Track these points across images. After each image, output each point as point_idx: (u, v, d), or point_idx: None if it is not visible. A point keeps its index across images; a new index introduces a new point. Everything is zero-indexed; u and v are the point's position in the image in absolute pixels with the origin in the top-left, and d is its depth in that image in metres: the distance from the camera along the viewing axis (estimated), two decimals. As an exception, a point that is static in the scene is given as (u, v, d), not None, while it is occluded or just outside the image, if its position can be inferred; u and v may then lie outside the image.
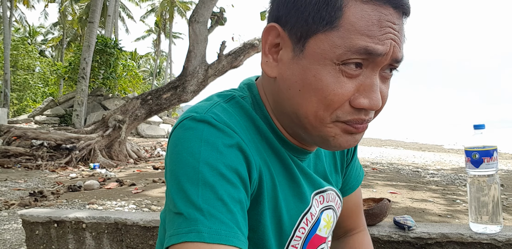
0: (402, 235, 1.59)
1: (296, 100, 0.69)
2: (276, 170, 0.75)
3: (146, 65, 59.08)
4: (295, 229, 0.78)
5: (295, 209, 0.78)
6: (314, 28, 0.65)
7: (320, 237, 0.85)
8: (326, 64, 0.65)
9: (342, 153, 0.96)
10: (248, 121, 0.74)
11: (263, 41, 0.72)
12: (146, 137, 18.16)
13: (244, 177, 0.66)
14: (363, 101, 0.65)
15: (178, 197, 0.61)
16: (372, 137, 32.87)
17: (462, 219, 3.65)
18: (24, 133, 8.88)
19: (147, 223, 1.95)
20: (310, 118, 0.68)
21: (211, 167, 0.62)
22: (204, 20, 8.95)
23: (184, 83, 9.08)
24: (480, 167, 1.41)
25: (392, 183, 5.88)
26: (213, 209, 0.59)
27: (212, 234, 0.57)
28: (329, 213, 0.88)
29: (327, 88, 0.65)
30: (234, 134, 0.67)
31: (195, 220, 0.58)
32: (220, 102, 0.74)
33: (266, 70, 0.72)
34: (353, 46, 0.62)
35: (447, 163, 10.56)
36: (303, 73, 0.67)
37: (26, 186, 6.15)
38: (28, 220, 2.18)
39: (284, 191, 0.76)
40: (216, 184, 0.61)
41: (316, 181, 0.84)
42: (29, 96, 32.21)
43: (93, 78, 18.36)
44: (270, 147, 0.76)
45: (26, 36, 41.40)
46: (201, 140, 0.64)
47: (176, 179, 0.62)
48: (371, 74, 0.66)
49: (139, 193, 5.09)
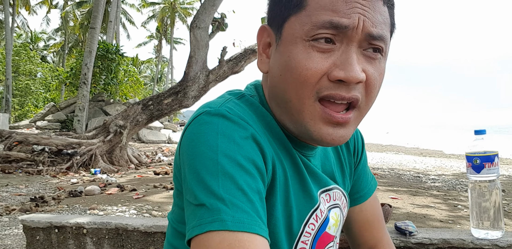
0: (403, 241, 1.59)
1: (281, 86, 0.72)
2: (287, 165, 0.77)
3: (147, 71, 59.26)
4: (305, 225, 0.79)
5: (305, 204, 0.79)
6: (286, 13, 0.70)
7: (329, 235, 0.85)
8: (297, 43, 0.68)
9: (349, 153, 0.97)
10: (259, 117, 0.76)
11: (258, 42, 0.77)
12: (147, 142, 18.16)
13: (261, 167, 0.67)
14: (339, 73, 0.67)
15: (198, 189, 0.61)
16: (373, 142, 32.81)
17: (463, 224, 3.64)
18: (26, 138, 8.89)
19: (148, 229, 1.95)
20: (294, 101, 0.70)
21: (230, 158, 0.63)
22: (205, 26, 8.97)
23: (185, 89, 9.09)
24: (481, 172, 1.41)
25: (393, 189, 5.86)
26: (234, 198, 0.60)
27: (235, 222, 0.58)
28: (337, 212, 0.88)
29: (299, 65, 0.67)
30: (249, 126, 0.69)
31: (217, 210, 0.59)
32: (232, 99, 0.76)
33: (261, 67, 0.76)
34: (318, 21, 0.66)
35: (448, 168, 10.54)
36: (281, 57, 0.70)
37: (27, 191, 6.14)
38: (29, 225, 2.18)
39: (295, 186, 0.78)
40: (235, 174, 0.62)
41: (322, 179, 0.85)
42: (30, 102, 32.28)
43: (95, 83, 18.39)
44: (281, 142, 0.77)
45: (28, 42, 41.61)
46: (218, 133, 0.65)
47: (195, 172, 0.63)
48: (346, 49, 0.68)
49: (140, 198, 5.09)
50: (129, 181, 7.15)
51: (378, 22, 0.69)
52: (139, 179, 7.43)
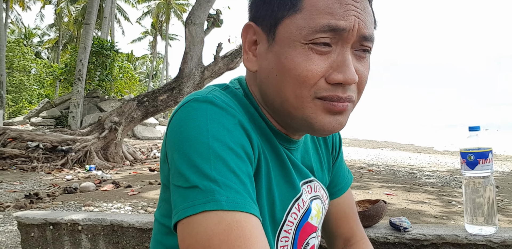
0: (398, 237, 1.59)
1: (276, 86, 0.73)
2: (269, 154, 0.78)
3: (142, 67, 59.00)
4: (287, 214, 0.80)
5: (287, 194, 0.80)
6: (280, 15, 0.70)
7: (311, 226, 0.87)
8: (296, 46, 0.69)
9: (327, 150, 1.00)
10: (242, 108, 0.77)
11: (243, 40, 0.76)
12: (142, 139, 18.13)
13: (249, 152, 0.69)
14: (337, 76, 0.69)
15: (190, 172, 0.62)
16: (368, 139, 32.88)
17: (457, 220, 3.67)
18: (20, 135, 8.85)
19: (143, 225, 1.95)
20: (291, 100, 0.72)
21: (220, 142, 0.64)
22: (200, 22, 8.95)
23: (181, 85, 9.07)
24: (475, 168, 1.42)
25: (388, 185, 5.89)
26: (227, 180, 0.61)
27: (229, 202, 0.59)
28: (318, 203, 0.90)
29: (299, 66, 0.69)
30: (236, 113, 0.70)
31: (211, 191, 0.59)
32: (217, 89, 0.78)
33: (248, 65, 0.76)
34: (316, 25, 0.67)
35: (443, 165, 10.59)
36: (277, 58, 0.71)
37: (22, 188, 6.12)
38: (24, 222, 2.17)
39: (277, 176, 0.79)
40: (227, 157, 0.63)
41: (303, 171, 0.87)
42: (24, 98, 32.08)
43: (89, 80, 18.31)
44: (263, 133, 0.79)
45: (22, 38, 41.29)
46: (207, 118, 0.66)
47: (186, 156, 0.63)
48: (342, 51, 0.70)
49: (135, 195, 5.08)
50: (124, 177, 7.14)
51: (369, 23, 0.71)
52: (134, 175, 7.42)
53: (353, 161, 11.23)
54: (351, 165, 8.91)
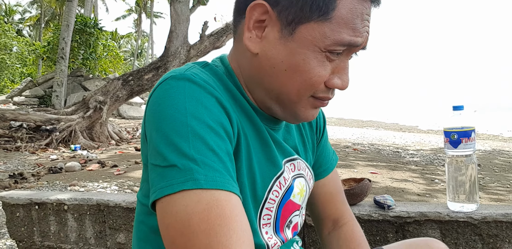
0: (382, 214, 1.62)
1: (280, 79, 0.74)
2: (249, 132, 0.78)
3: (127, 46, 58.16)
4: (268, 192, 0.80)
5: (268, 172, 0.81)
6: (308, 16, 0.69)
7: (294, 204, 0.87)
8: (315, 51, 0.70)
9: (312, 130, 1.00)
10: (222, 86, 0.77)
11: (248, 16, 0.73)
12: (128, 118, 18.00)
13: (229, 130, 0.68)
14: (337, 82, 0.74)
15: (168, 150, 0.61)
16: (353, 118, 33.09)
17: (440, 198, 3.74)
18: (2, 114, 8.72)
19: (130, 204, 1.95)
20: (291, 95, 0.75)
21: (199, 120, 0.63)
22: (186, 0, 8.80)
23: (166, 64, 8.98)
24: (458, 147, 1.44)
25: (372, 163, 5.97)
26: (206, 158, 0.61)
27: (208, 181, 0.59)
28: (301, 181, 0.90)
29: (313, 71, 0.71)
30: (215, 90, 0.69)
31: (190, 170, 0.59)
32: (196, 66, 0.77)
33: (249, 45, 0.74)
34: (340, 40, 0.69)
35: (427, 144, 10.73)
36: (291, 55, 0.71)
37: (6, 168, 6.07)
38: (8, 202, 2.16)
39: (258, 154, 0.79)
40: (205, 135, 0.63)
41: (286, 149, 0.87)
42: (6, 77, 31.47)
43: (73, 58, 18.02)
44: (243, 111, 0.79)
45: (2, 15, 40.21)
46: (185, 96, 0.65)
47: (164, 134, 0.63)
48: (345, 59, 0.75)
49: (121, 174, 5.08)
50: (110, 157, 7.12)
51: None
52: (120, 155, 7.40)
53: (338, 140, 11.32)
54: (336, 144, 8.98)
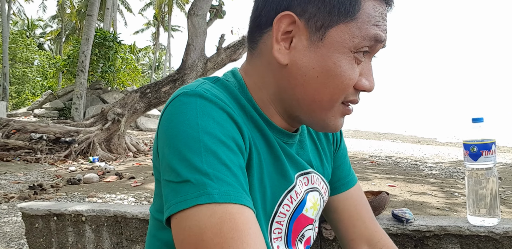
0: (400, 228, 1.60)
1: (312, 86, 0.74)
2: (261, 147, 0.78)
3: (145, 59, 58.94)
4: (278, 205, 0.79)
5: (279, 186, 0.80)
6: (336, 19, 0.71)
7: (307, 218, 0.86)
8: (345, 52, 0.71)
9: (329, 143, 0.99)
10: (234, 100, 0.77)
11: (276, 29, 0.73)
12: (145, 130, 18.15)
13: (241, 145, 0.68)
14: (365, 84, 0.75)
15: (181, 166, 0.61)
16: (371, 130, 32.86)
17: (460, 212, 3.67)
18: (23, 126, 8.88)
19: (146, 216, 1.96)
20: (324, 102, 0.75)
21: (211, 135, 0.64)
22: (203, 13, 8.91)
23: (183, 77, 9.06)
24: (478, 160, 1.42)
25: (390, 176, 5.89)
26: (218, 172, 0.61)
27: (222, 195, 0.59)
28: (315, 195, 0.88)
29: (345, 74, 0.72)
30: (226, 105, 0.70)
31: (203, 184, 0.59)
32: (207, 82, 0.77)
33: (279, 57, 0.74)
34: (368, 34, 0.71)
35: (445, 156, 10.58)
36: (322, 60, 0.72)
37: (26, 179, 6.16)
38: (28, 213, 2.19)
39: (269, 168, 0.79)
40: (218, 150, 0.63)
41: (300, 162, 0.86)
42: (28, 90, 32.14)
43: (92, 71, 18.32)
44: (255, 125, 0.79)
45: (25, 29, 41.25)
46: (197, 112, 0.66)
47: (177, 150, 0.63)
48: (368, 60, 0.76)
49: (138, 186, 5.11)
50: (128, 168, 7.17)
51: None
52: (137, 166, 7.45)
53: (355, 152, 11.23)
54: (353, 157, 8.91)
